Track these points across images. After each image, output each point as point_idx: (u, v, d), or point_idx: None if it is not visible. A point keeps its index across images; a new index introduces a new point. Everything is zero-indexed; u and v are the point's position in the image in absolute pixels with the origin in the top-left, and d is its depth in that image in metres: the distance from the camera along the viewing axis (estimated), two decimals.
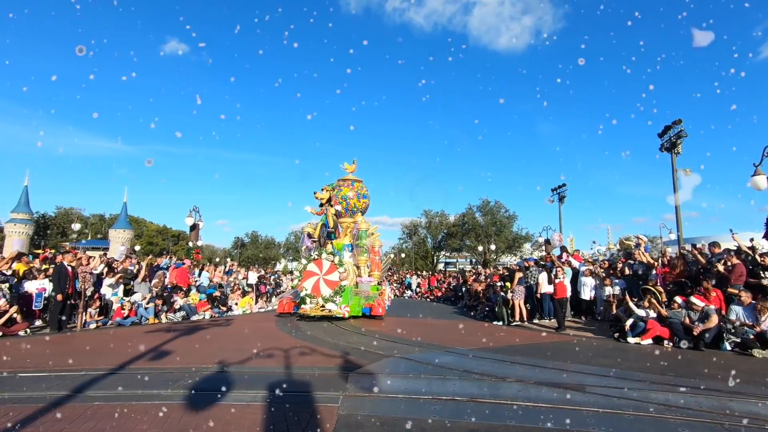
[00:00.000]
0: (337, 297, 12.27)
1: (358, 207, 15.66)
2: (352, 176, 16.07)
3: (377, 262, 15.78)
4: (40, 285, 11.06)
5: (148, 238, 73.56)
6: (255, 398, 4.59)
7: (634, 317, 9.40)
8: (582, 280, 13.07)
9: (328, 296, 12.28)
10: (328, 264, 12.78)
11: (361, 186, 16.07)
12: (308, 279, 12.66)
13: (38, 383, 5.16)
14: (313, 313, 12.12)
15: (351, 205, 15.50)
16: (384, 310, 13.44)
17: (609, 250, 45.66)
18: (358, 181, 15.99)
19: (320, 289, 12.45)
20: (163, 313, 12.87)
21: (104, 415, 3.99)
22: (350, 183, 15.80)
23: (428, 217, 54.61)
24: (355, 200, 15.56)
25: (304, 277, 12.69)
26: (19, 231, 60.15)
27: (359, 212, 15.73)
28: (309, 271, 12.76)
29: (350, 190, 15.59)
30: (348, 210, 15.53)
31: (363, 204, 15.92)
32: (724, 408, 4.36)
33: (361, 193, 15.89)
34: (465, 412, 4.17)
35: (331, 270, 12.71)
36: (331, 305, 12.14)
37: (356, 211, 15.65)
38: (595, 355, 7.76)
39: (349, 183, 15.80)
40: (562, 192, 31.99)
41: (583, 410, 4.21)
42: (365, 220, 15.82)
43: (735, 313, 8.51)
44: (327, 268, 12.75)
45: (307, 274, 12.75)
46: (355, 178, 16.01)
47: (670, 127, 19.79)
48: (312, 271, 12.79)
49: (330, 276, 12.62)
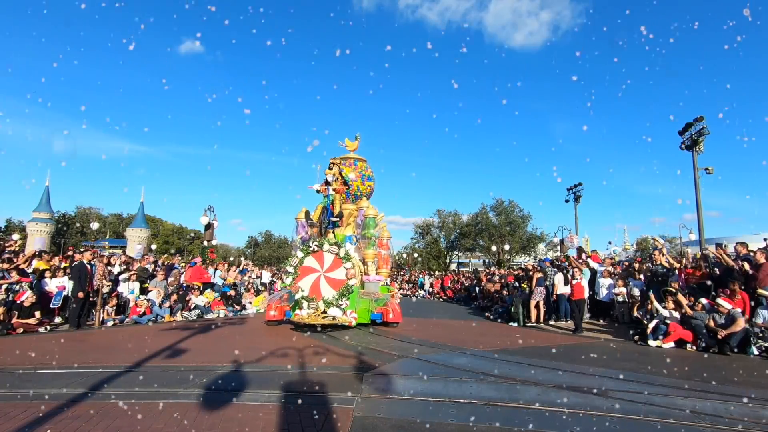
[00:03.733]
0: (343, 300, 9.79)
1: (362, 191, 13.01)
2: (354, 155, 13.26)
3: (385, 256, 13.16)
4: (60, 283, 11.27)
5: (164, 237, 74.76)
6: (270, 398, 4.56)
7: (658, 318, 9.13)
8: (600, 281, 12.79)
9: (331, 299, 9.76)
10: (331, 258, 10.22)
11: (366, 166, 13.27)
12: (305, 277, 10.13)
13: (56, 380, 5.21)
14: (311, 321, 9.67)
15: (354, 188, 12.74)
16: (399, 315, 10.93)
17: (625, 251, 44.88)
18: (361, 160, 13.22)
19: (321, 289, 9.96)
20: (178, 312, 13.00)
21: (120, 413, 3.99)
22: (352, 162, 12.99)
23: (441, 217, 54.44)
24: (358, 183, 12.84)
25: (300, 275, 10.14)
26: (40, 230, 61.63)
27: (364, 197, 13.10)
28: (306, 267, 10.21)
29: (352, 171, 12.73)
30: (350, 195, 12.81)
31: (368, 188, 13.23)
32: (756, 416, 4.16)
33: (366, 174, 13.14)
34: (483, 416, 4.06)
35: (335, 265, 10.16)
36: (335, 310, 9.64)
37: (360, 195, 13.01)
38: (616, 358, 7.55)
39: (350, 162, 12.97)
40: (578, 191, 31.52)
41: (607, 416, 4.06)
42: (372, 206, 12.86)
43: (762, 316, 8.21)
44: (330, 263, 10.20)
45: (304, 270, 10.19)
46: (357, 156, 13.20)
47: (692, 125, 19.29)
48: (310, 266, 10.22)
49: (333, 273, 10.11)
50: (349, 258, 10.20)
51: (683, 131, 20.01)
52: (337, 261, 10.15)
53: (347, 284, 9.93)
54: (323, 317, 9.61)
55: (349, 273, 10.02)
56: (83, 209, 70.58)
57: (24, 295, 9.93)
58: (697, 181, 19.58)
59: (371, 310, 10.60)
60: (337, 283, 9.97)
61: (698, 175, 19.60)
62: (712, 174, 19.27)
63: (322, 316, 9.62)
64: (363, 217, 12.32)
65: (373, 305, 10.68)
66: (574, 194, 31.80)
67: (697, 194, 19.68)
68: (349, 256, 10.25)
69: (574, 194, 31.80)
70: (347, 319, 9.68)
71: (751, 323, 8.15)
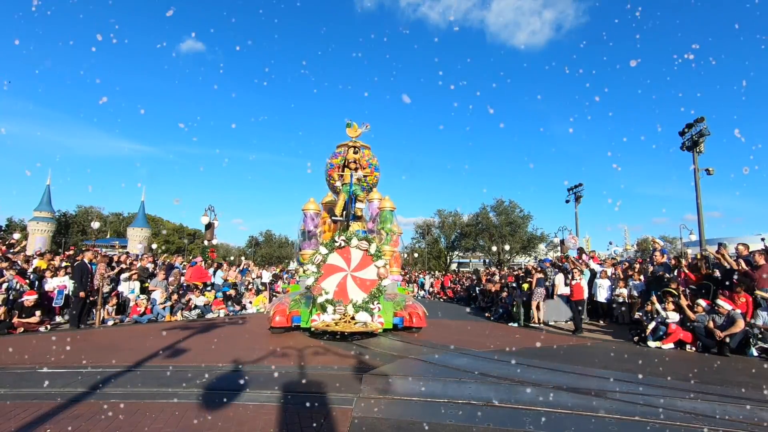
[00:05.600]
0: (375, 304, 8.73)
1: (369, 182, 11.49)
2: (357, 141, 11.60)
3: (396, 254, 12.13)
4: (61, 282, 11.30)
5: (164, 236, 74.79)
6: (269, 398, 4.57)
7: (658, 319, 9.13)
8: (598, 282, 12.79)
9: (361, 303, 8.63)
10: (359, 255, 9.01)
11: (371, 154, 11.70)
12: (329, 277, 8.86)
13: (56, 379, 5.22)
14: (341, 329, 8.40)
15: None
16: (423, 319, 9.70)
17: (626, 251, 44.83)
18: (366, 147, 11.56)
19: (348, 291, 8.79)
20: (178, 311, 13.02)
21: (119, 413, 4.00)
22: (358, 149, 11.44)
23: (441, 217, 54.38)
24: (367, 171, 11.39)
25: (323, 274, 8.85)
26: (41, 229, 61.66)
27: (373, 187, 11.80)
28: (331, 266, 8.95)
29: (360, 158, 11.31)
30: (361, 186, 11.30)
31: (374, 177, 11.72)
32: (755, 418, 4.17)
33: (372, 163, 11.58)
34: (482, 417, 4.07)
35: (365, 263, 8.97)
36: (364, 315, 8.53)
37: (369, 186, 11.57)
38: (615, 359, 7.55)
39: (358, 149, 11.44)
40: (578, 192, 31.51)
41: (605, 417, 4.07)
42: (388, 198, 11.59)
43: (762, 318, 8.21)
44: (358, 260, 8.99)
45: (328, 269, 8.92)
46: (362, 143, 11.52)
47: (692, 125, 19.28)
48: (335, 265, 8.97)
49: (362, 272, 8.93)
50: (380, 255, 9.05)
51: (684, 132, 20.02)
52: (367, 258, 8.97)
53: (379, 285, 8.79)
54: (354, 324, 8.47)
55: (381, 272, 8.84)
56: (84, 208, 70.64)
57: (27, 296, 9.97)
58: (698, 181, 19.57)
59: (393, 314, 9.54)
60: (366, 284, 8.86)
61: (699, 176, 19.61)
62: (712, 174, 19.26)
63: (353, 323, 8.47)
64: (377, 209, 11.42)
65: (395, 308, 9.70)
66: (574, 195, 31.80)
67: (698, 195, 19.68)
68: (381, 252, 9.15)
69: (574, 195, 31.80)
70: (374, 325, 8.62)
71: (751, 325, 8.15)
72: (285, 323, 9.18)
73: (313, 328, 8.66)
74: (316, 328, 8.60)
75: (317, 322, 8.58)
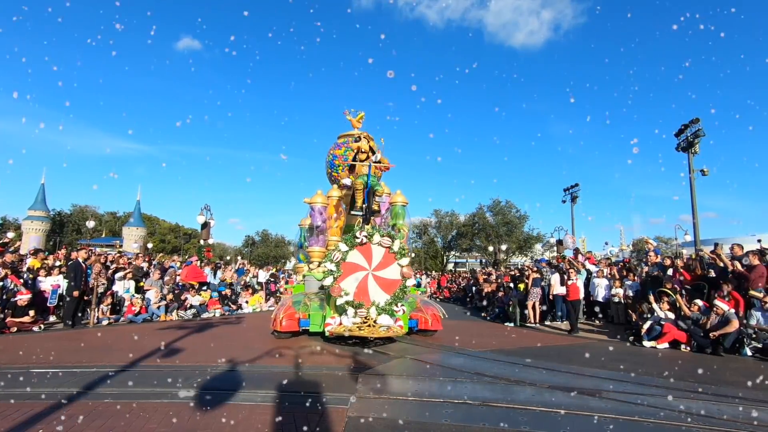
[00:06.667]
0: (399, 306, 8.04)
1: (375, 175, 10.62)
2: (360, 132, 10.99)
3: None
4: (55, 281, 11.22)
5: (160, 236, 74.49)
6: (264, 398, 4.55)
7: (653, 319, 9.18)
8: (594, 281, 12.84)
9: (384, 305, 7.86)
10: (380, 252, 8.19)
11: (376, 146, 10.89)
12: (349, 276, 7.99)
13: (50, 379, 5.19)
14: (365, 334, 7.62)
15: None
16: (438, 321, 9.22)
17: (622, 251, 45.00)
18: (369, 138, 10.76)
19: (369, 292, 7.98)
20: (174, 311, 12.97)
21: (113, 413, 3.97)
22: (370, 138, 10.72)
23: (438, 217, 54.47)
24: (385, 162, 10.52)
25: (343, 274, 7.97)
26: (36, 228, 61.37)
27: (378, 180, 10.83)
28: (351, 264, 8.07)
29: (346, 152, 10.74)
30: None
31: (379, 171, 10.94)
32: (748, 417, 4.19)
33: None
34: (477, 416, 4.07)
35: (387, 262, 8.20)
36: (386, 319, 7.77)
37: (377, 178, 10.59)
38: (610, 359, 7.58)
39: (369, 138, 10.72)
40: (574, 192, 31.61)
41: (601, 416, 4.07)
42: (400, 192, 10.87)
43: (755, 317, 8.26)
44: (380, 258, 8.18)
45: (348, 268, 8.03)
46: (365, 134, 10.85)
47: (688, 126, 19.39)
48: (355, 263, 8.09)
49: (385, 271, 8.15)
50: (404, 253, 8.27)
51: (679, 133, 20.12)
52: (389, 256, 8.22)
53: (404, 285, 8.07)
54: (379, 327, 7.69)
55: (405, 271, 8.12)
56: (79, 207, 70.26)
57: (21, 296, 9.89)
58: (693, 182, 19.69)
59: (408, 316, 8.78)
60: (389, 284, 8.09)
61: (694, 177, 19.71)
62: (707, 175, 19.40)
63: (378, 327, 7.67)
64: (388, 204, 10.81)
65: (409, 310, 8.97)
66: (570, 195, 31.91)
67: (693, 195, 19.79)
68: (405, 250, 8.36)
69: (570, 195, 31.91)
70: (395, 329, 7.89)
71: (745, 324, 8.21)
72: (294, 327, 8.53)
73: (329, 333, 7.89)
74: (332, 333, 7.83)
75: (332, 326, 7.81)
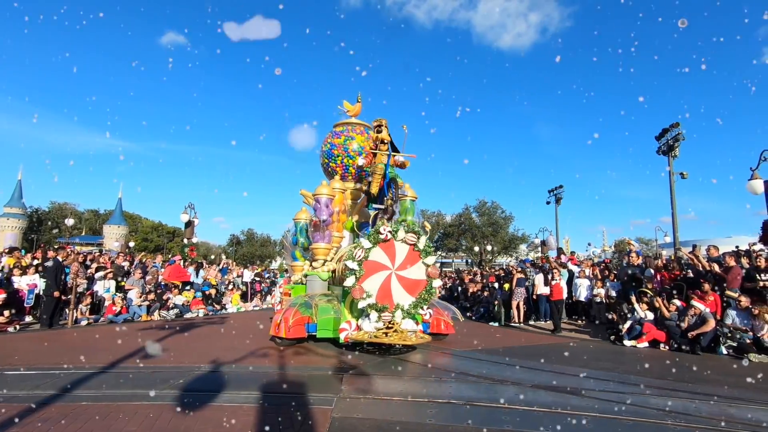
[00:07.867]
0: (426, 309, 7.44)
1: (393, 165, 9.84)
2: (358, 120, 10.32)
3: None
4: (31, 281, 10.92)
5: (143, 234, 73.04)
6: (248, 399, 4.50)
7: (633, 319, 9.37)
8: (578, 281, 13.04)
9: (409, 307, 7.18)
10: (404, 250, 7.40)
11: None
12: (371, 276, 7.13)
13: (26, 381, 5.04)
14: (395, 341, 6.95)
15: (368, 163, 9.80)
16: (450, 325, 8.80)
17: (604, 252, 45.78)
18: (370, 127, 10.01)
19: (392, 294, 7.20)
20: (156, 311, 12.74)
21: (92, 416, 3.88)
22: (363, 130, 10.15)
23: (424, 218, 54.58)
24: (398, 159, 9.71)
25: (365, 274, 7.07)
26: (12, 225, 59.53)
27: None
28: (373, 263, 7.19)
29: (365, 140, 9.88)
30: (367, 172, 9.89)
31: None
32: (724, 414, 4.30)
33: None
34: (461, 416, 4.10)
35: (411, 260, 7.42)
36: (410, 324, 7.11)
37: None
38: (592, 358, 7.71)
39: (361, 129, 10.16)
40: (558, 194, 32.02)
41: (581, 414, 4.14)
42: (409, 186, 10.11)
43: (731, 317, 8.49)
44: (404, 256, 7.39)
45: (370, 267, 7.16)
46: (365, 123, 10.22)
47: (668, 130, 19.83)
48: (378, 262, 7.24)
49: (409, 271, 7.37)
50: (430, 251, 7.56)
51: (660, 136, 20.56)
52: (414, 254, 7.43)
53: (430, 286, 7.40)
54: (408, 333, 7.07)
55: (431, 271, 7.44)
56: (58, 204, 68.41)
57: None
58: (673, 185, 20.13)
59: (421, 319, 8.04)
60: (413, 285, 7.35)
61: (674, 180, 20.16)
62: (686, 178, 19.85)
63: (407, 333, 7.06)
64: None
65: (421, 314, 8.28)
66: (555, 196, 32.32)
67: (672, 198, 20.23)
68: (430, 248, 7.64)
69: (555, 196, 32.32)
70: (415, 333, 7.24)
71: (721, 324, 8.43)
72: (301, 333, 7.72)
73: (345, 339, 7.20)
74: (349, 339, 7.18)
75: (349, 332, 7.17)
